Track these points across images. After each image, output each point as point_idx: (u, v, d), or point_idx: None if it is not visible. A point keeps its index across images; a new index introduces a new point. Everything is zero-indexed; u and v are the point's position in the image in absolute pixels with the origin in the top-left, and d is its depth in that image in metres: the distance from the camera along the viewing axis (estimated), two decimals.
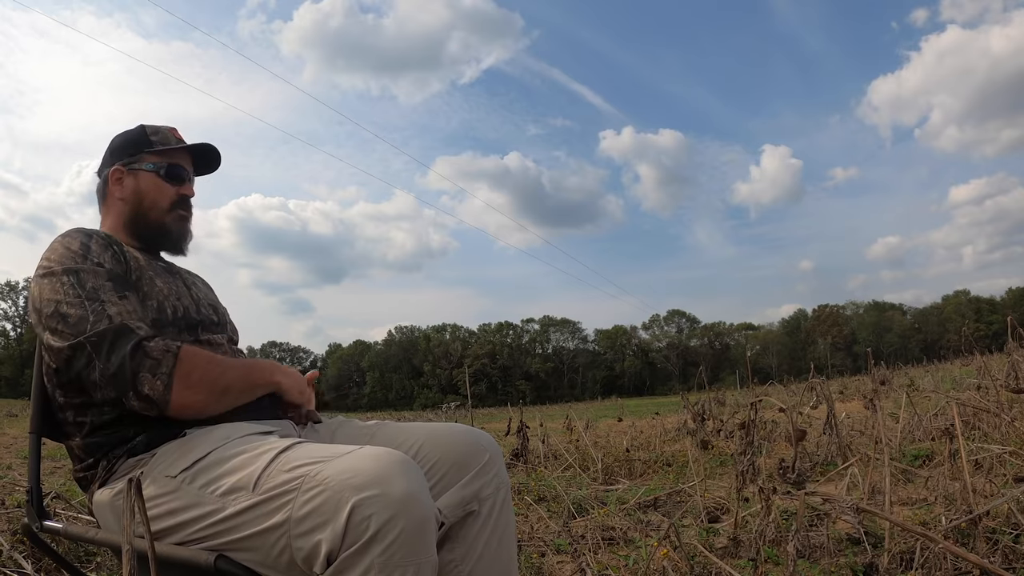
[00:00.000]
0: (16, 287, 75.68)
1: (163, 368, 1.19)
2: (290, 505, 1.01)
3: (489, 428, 8.89)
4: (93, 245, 1.33)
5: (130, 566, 0.86)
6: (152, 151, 1.51)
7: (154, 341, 1.21)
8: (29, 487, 1.35)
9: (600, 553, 2.70)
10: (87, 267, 1.28)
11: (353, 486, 0.98)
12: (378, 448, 1.06)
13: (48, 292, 1.26)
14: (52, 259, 1.31)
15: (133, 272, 1.37)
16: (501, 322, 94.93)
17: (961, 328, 6.41)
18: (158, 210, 1.50)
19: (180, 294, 1.43)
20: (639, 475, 5.01)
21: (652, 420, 10.58)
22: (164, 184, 1.51)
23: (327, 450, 1.07)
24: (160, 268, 1.46)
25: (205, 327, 1.44)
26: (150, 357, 1.19)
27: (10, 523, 2.63)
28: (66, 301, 1.24)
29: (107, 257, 1.33)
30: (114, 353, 1.19)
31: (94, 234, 1.37)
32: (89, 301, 1.23)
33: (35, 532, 1.29)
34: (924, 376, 12.99)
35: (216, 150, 1.60)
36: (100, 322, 1.21)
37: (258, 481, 1.06)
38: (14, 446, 8.11)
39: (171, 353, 1.20)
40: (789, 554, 1.97)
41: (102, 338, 1.20)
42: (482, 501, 1.30)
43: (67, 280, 1.26)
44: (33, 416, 1.38)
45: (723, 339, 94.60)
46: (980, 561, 1.68)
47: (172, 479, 1.14)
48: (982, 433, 4.29)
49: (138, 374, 1.18)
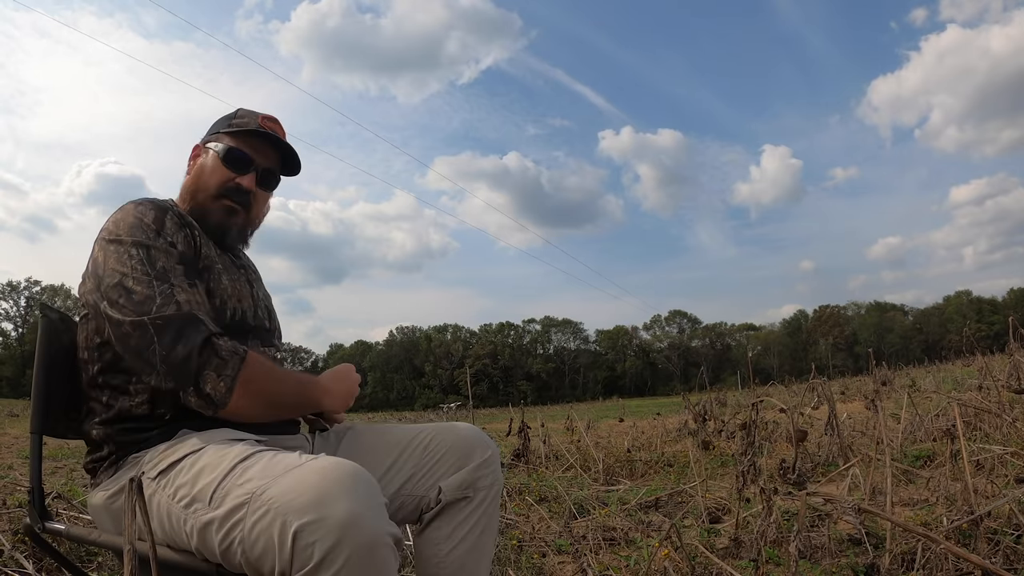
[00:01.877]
0: (17, 287, 75.78)
1: (229, 370, 1.16)
2: (241, 526, 0.99)
3: (490, 428, 8.89)
4: (168, 222, 1.27)
5: (131, 567, 0.86)
6: (228, 132, 1.43)
7: (223, 340, 1.18)
8: (31, 487, 1.32)
9: (601, 553, 2.70)
10: (159, 244, 1.23)
11: (295, 508, 0.94)
12: (327, 461, 1.01)
13: (113, 261, 1.20)
14: (121, 227, 1.24)
15: (203, 260, 1.31)
16: (502, 322, 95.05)
17: (962, 328, 6.40)
18: (205, 193, 1.40)
19: (242, 295, 1.37)
20: (640, 475, 5.00)
21: (653, 420, 10.58)
22: (221, 167, 1.40)
23: (281, 463, 1.03)
24: (228, 261, 1.41)
25: (256, 334, 1.39)
26: (218, 356, 1.16)
27: (11, 523, 2.63)
28: (132, 276, 1.18)
29: (180, 238, 1.27)
30: (180, 342, 1.15)
31: (170, 209, 1.31)
32: (158, 281, 1.18)
33: (37, 532, 1.28)
34: (925, 376, 12.98)
35: (291, 149, 1.47)
36: (168, 306, 1.16)
37: (214, 494, 1.04)
38: (15, 446, 8.12)
39: (239, 356, 1.17)
40: (790, 555, 1.97)
41: (168, 323, 1.15)
42: (477, 490, 1.39)
43: (136, 253, 1.21)
44: (34, 415, 1.34)
45: (724, 339, 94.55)
46: (981, 562, 1.67)
47: (151, 481, 1.14)
48: (983, 434, 4.29)
49: (203, 370, 1.15)
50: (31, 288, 76.09)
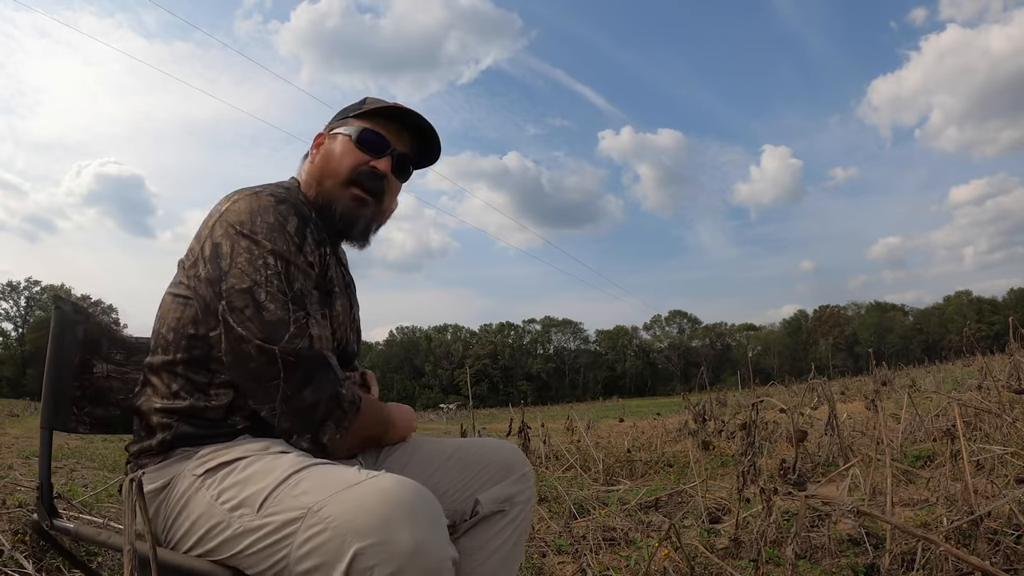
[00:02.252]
0: (17, 287, 75.76)
1: (347, 422, 1.14)
2: (290, 540, 0.96)
3: (490, 428, 8.88)
4: (309, 236, 1.17)
5: (131, 567, 0.86)
6: (359, 115, 1.31)
7: (346, 387, 1.14)
8: (39, 483, 1.27)
9: (601, 553, 2.70)
10: (300, 263, 1.14)
11: (356, 530, 0.90)
12: (389, 480, 0.96)
13: (245, 262, 1.11)
14: (259, 224, 1.13)
15: (327, 282, 1.23)
16: (502, 322, 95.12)
17: (963, 329, 6.40)
18: (334, 178, 1.28)
19: (346, 321, 1.31)
20: (640, 476, 5.00)
21: (653, 421, 10.58)
22: (354, 150, 1.28)
23: (339, 477, 1.00)
24: (342, 278, 1.32)
25: (347, 362, 1.34)
26: (341, 407, 1.13)
27: (11, 523, 2.63)
28: (267, 289, 1.10)
29: (316, 257, 1.18)
30: (309, 387, 1.10)
31: (310, 220, 1.19)
32: (294, 305, 1.11)
33: (45, 529, 1.25)
34: (926, 377, 12.97)
35: (431, 128, 1.35)
36: (301, 338, 1.10)
37: (264, 502, 1.00)
38: (15, 446, 8.11)
39: (356, 407, 1.15)
40: (790, 555, 1.97)
41: (300, 362, 1.09)
42: (514, 504, 1.38)
43: (273, 264, 1.11)
44: (44, 410, 1.30)
45: (724, 339, 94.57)
46: (981, 563, 1.67)
47: (197, 478, 1.10)
48: (984, 434, 4.29)
49: (326, 422, 1.12)
50: (31, 288, 76.15)
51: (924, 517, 2.67)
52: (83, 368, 1.39)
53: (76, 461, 6.27)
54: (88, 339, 1.40)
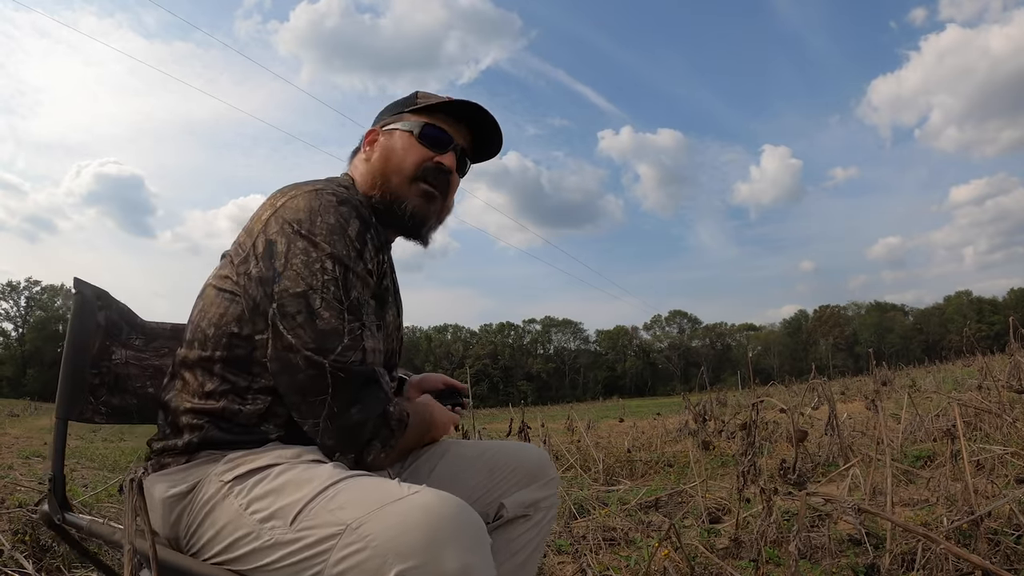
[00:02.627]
0: (17, 287, 75.74)
1: (394, 441, 1.10)
2: (325, 558, 0.91)
3: (490, 428, 8.88)
4: (370, 243, 1.12)
5: (131, 567, 0.86)
6: (415, 110, 1.28)
7: (393, 406, 1.10)
8: (52, 475, 1.22)
9: (601, 554, 2.70)
10: (360, 270, 1.09)
11: (398, 551, 0.86)
12: (432, 497, 0.92)
13: (301, 265, 1.05)
14: (318, 224, 1.07)
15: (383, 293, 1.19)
16: (502, 322, 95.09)
17: (963, 329, 6.40)
18: (401, 175, 1.24)
19: (392, 329, 1.26)
20: (640, 476, 5.00)
21: (653, 421, 10.58)
22: (417, 146, 1.25)
23: (379, 491, 0.95)
24: (391, 289, 1.26)
25: (391, 370, 1.31)
26: (389, 427, 1.09)
27: (11, 523, 2.63)
28: (323, 296, 1.05)
29: (374, 264, 1.13)
30: (357, 406, 1.05)
31: (371, 225, 1.14)
32: (350, 315, 1.06)
33: (57, 523, 1.20)
34: (926, 377, 12.98)
35: (494, 122, 1.30)
36: (354, 351, 1.05)
37: (298, 515, 0.96)
38: (16, 446, 8.11)
39: (404, 424, 1.12)
40: (790, 555, 1.96)
41: (350, 378, 1.05)
42: (538, 510, 1.37)
43: (332, 269, 1.06)
44: (60, 400, 1.23)
45: (724, 340, 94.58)
46: (982, 562, 1.67)
47: (224, 484, 1.04)
48: (984, 434, 4.29)
49: (372, 441, 1.08)
50: (31, 288, 76.14)
51: (924, 517, 2.67)
52: (102, 355, 1.33)
53: (76, 461, 6.28)
54: (109, 324, 1.34)
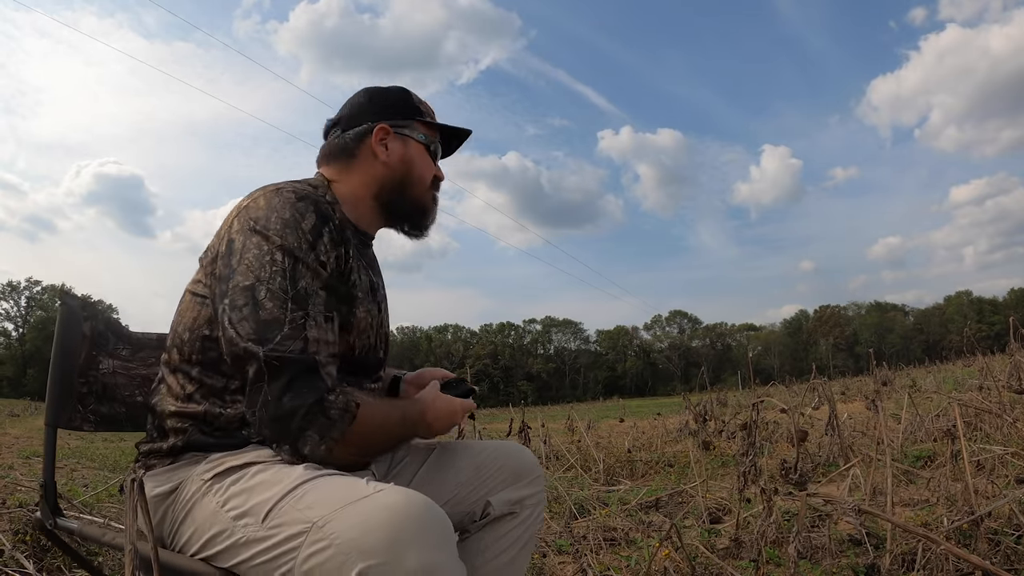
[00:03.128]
0: (17, 287, 75.77)
1: (335, 432, 1.05)
2: (294, 556, 0.92)
3: (491, 429, 8.88)
4: (326, 235, 1.13)
5: (132, 567, 0.86)
6: (422, 121, 1.36)
7: (335, 395, 1.06)
8: (43, 481, 1.25)
9: (602, 554, 2.70)
10: (311, 261, 1.09)
11: (360, 549, 0.87)
12: (398, 496, 0.92)
13: (252, 258, 1.07)
14: (273, 220, 1.10)
15: (348, 286, 1.19)
16: (503, 323, 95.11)
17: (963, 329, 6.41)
18: (422, 186, 1.34)
19: (370, 327, 1.27)
20: (641, 476, 5.01)
21: (654, 421, 10.57)
22: (429, 160, 1.36)
23: (345, 490, 0.96)
24: (366, 285, 1.26)
25: (373, 370, 1.31)
26: (326, 416, 1.04)
27: (12, 523, 2.63)
28: (268, 287, 1.06)
29: (331, 258, 1.13)
30: (288, 394, 1.03)
31: (330, 218, 1.15)
32: (294, 304, 1.06)
33: (49, 528, 1.23)
34: (926, 377, 12.98)
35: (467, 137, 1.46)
36: (293, 340, 1.04)
37: (269, 512, 0.97)
38: (16, 446, 8.11)
39: (349, 415, 1.06)
40: (790, 555, 1.97)
41: (285, 366, 1.03)
42: (524, 507, 1.39)
43: (281, 260, 1.07)
44: (49, 407, 1.27)
45: (725, 340, 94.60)
46: (982, 562, 1.67)
47: (204, 483, 1.07)
48: (984, 434, 4.29)
49: (305, 431, 1.04)
50: (32, 288, 76.19)
51: (924, 517, 2.67)
52: (89, 365, 1.37)
53: (76, 461, 6.28)
54: (95, 335, 1.38)
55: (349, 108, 1.36)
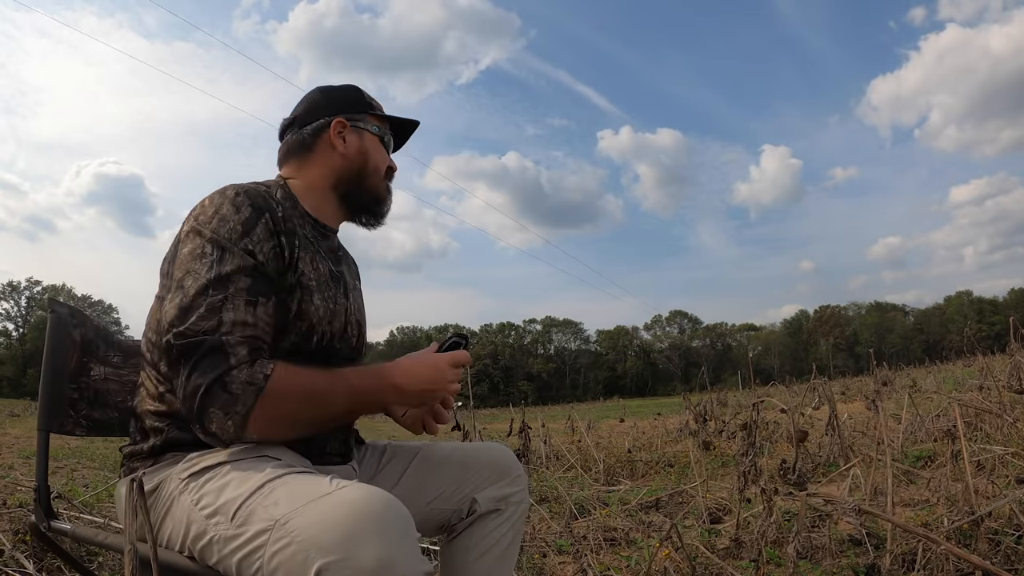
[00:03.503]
0: (18, 287, 75.81)
1: (239, 407, 1.04)
2: (262, 552, 0.93)
3: (491, 429, 8.89)
4: (260, 227, 1.15)
5: (132, 567, 0.85)
6: (374, 114, 1.42)
7: (240, 370, 1.05)
8: (36, 485, 1.26)
9: (602, 554, 2.70)
10: (236, 249, 1.12)
11: (319, 546, 0.88)
12: (358, 492, 0.93)
13: (187, 253, 1.12)
14: (207, 217, 1.14)
15: (293, 275, 1.20)
16: (503, 322, 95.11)
17: (963, 329, 6.41)
18: (377, 177, 1.41)
19: (334, 314, 1.27)
20: (641, 476, 5.01)
21: (654, 421, 10.58)
22: (383, 151, 1.43)
23: (309, 488, 0.97)
24: (325, 274, 1.28)
25: (346, 359, 1.32)
26: (227, 392, 1.04)
27: (12, 523, 2.63)
28: (193, 274, 1.10)
29: (266, 248, 1.15)
30: (195, 373, 1.05)
31: (267, 211, 1.17)
32: (213, 289, 1.08)
33: (43, 531, 1.24)
34: (926, 377, 12.98)
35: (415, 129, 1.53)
36: (207, 320, 1.06)
37: (237, 511, 0.98)
38: (16, 446, 8.12)
39: (254, 388, 1.04)
40: (791, 555, 1.97)
41: (195, 346, 1.05)
42: (509, 504, 1.44)
43: (209, 252, 1.11)
44: (41, 412, 1.28)
45: (725, 340, 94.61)
46: (982, 563, 1.67)
47: (182, 481, 1.09)
48: (984, 434, 4.29)
49: (208, 409, 1.05)
50: (32, 288, 76.22)
51: (925, 517, 2.67)
52: (80, 371, 1.38)
53: (77, 461, 6.28)
54: (85, 342, 1.39)
55: (305, 106, 1.40)
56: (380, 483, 1.38)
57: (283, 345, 1.17)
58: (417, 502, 1.39)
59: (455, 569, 1.41)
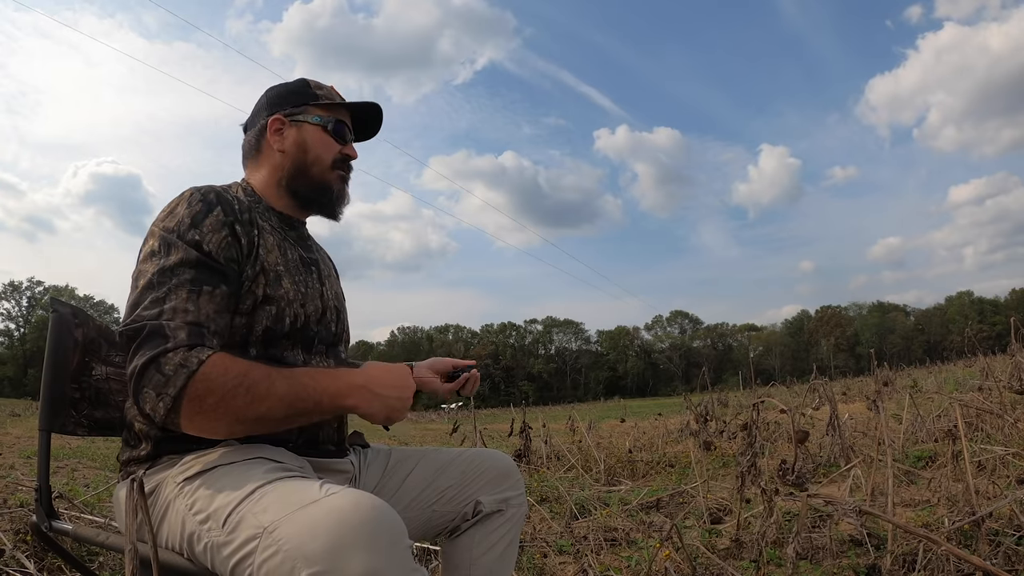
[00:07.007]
0: (19, 287, 75.86)
1: (170, 388, 1.03)
2: (252, 559, 0.93)
3: (492, 429, 8.89)
4: (209, 220, 1.17)
5: (132, 567, 0.86)
6: (318, 104, 1.41)
7: (176, 352, 1.04)
8: (38, 485, 1.27)
9: (602, 554, 2.70)
10: (180, 243, 1.14)
11: (305, 556, 0.86)
12: (347, 499, 0.92)
13: (142, 255, 1.16)
14: (162, 217, 1.19)
15: (253, 263, 1.21)
16: (504, 323, 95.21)
17: (964, 329, 6.40)
18: (321, 166, 1.39)
19: (307, 297, 1.28)
20: (642, 476, 5.01)
21: (655, 421, 10.58)
22: (330, 140, 1.40)
23: (298, 494, 0.96)
24: (295, 260, 1.31)
25: (321, 339, 1.32)
26: (161, 372, 1.03)
27: (12, 523, 2.63)
28: (144, 272, 1.13)
29: (215, 239, 1.16)
30: (136, 355, 1.06)
31: (219, 204, 1.20)
32: (158, 284, 1.10)
33: (44, 531, 1.25)
34: (927, 377, 12.97)
35: (380, 112, 1.49)
36: (149, 309, 1.08)
37: (228, 518, 0.98)
38: (16, 445, 8.12)
39: (186, 370, 1.03)
40: (791, 555, 1.97)
41: (137, 333, 1.07)
42: (510, 506, 1.48)
43: (158, 248, 1.14)
44: (42, 412, 1.29)
45: (726, 340, 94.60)
46: (983, 563, 1.67)
47: (177, 485, 1.09)
48: (985, 434, 4.28)
49: (142, 388, 1.04)
50: (33, 288, 76.28)
51: (925, 518, 2.67)
52: (81, 370, 1.38)
53: (78, 461, 6.29)
54: (86, 341, 1.39)
55: (252, 111, 1.44)
56: (385, 486, 1.42)
57: (257, 330, 1.20)
58: (422, 505, 1.42)
59: (457, 566, 1.44)
